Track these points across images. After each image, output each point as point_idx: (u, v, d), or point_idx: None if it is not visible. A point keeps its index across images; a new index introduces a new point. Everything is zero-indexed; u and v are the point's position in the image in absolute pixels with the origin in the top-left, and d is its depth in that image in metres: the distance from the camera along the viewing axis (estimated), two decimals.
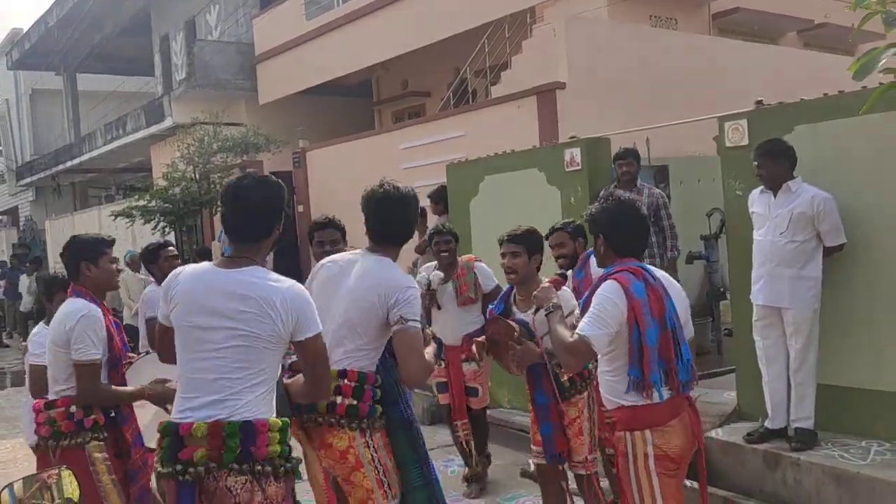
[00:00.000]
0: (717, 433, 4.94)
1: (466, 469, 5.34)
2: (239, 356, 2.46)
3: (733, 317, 5.45)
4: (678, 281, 3.32)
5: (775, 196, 4.55)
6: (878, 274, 4.55)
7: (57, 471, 2.89)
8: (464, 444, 5.23)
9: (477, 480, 5.28)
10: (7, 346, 15.63)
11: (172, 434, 2.45)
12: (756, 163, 4.56)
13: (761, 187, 4.69)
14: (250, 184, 2.61)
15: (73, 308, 3.51)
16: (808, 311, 4.47)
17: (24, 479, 3.18)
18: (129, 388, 3.67)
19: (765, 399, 4.72)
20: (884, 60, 2.68)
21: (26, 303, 15.13)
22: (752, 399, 5.15)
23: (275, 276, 2.57)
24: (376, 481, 2.95)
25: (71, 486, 2.67)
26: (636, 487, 2.94)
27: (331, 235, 4.04)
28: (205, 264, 2.70)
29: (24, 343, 15.60)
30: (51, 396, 3.61)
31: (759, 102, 5.20)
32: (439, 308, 5.05)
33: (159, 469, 2.49)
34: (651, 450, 2.89)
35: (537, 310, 3.23)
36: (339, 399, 2.91)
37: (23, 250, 18.01)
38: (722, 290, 7.34)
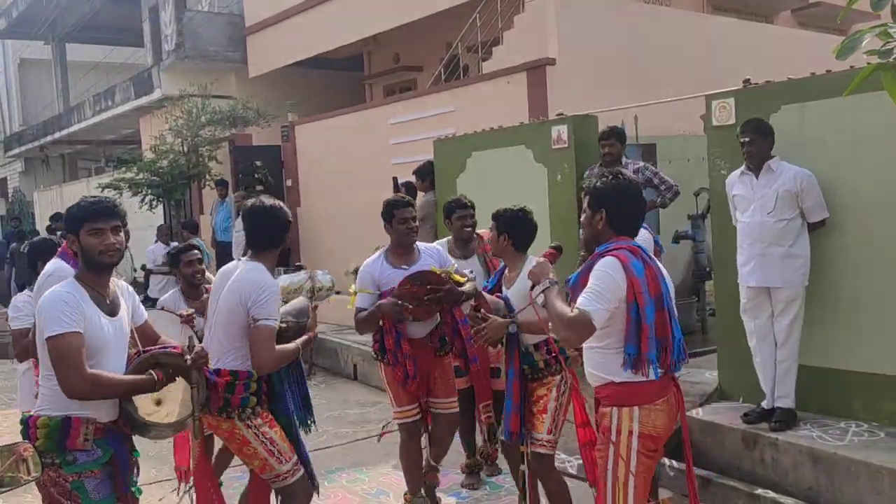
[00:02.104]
0: (698, 412, 4.96)
1: (471, 457, 5.13)
2: (40, 353, 2.81)
3: (716, 296, 5.45)
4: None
5: (757, 176, 4.55)
6: (860, 255, 4.55)
7: (31, 444, 2.89)
8: (484, 427, 4.94)
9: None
10: None
11: None
12: (747, 139, 4.53)
13: (740, 170, 4.69)
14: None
15: (47, 268, 3.74)
16: (800, 287, 4.51)
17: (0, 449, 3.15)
18: None
19: (759, 380, 4.71)
20: (867, 41, 2.65)
21: None
22: (733, 379, 5.17)
23: (58, 285, 2.86)
24: (266, 451, 3.44)
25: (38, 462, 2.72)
26: (612, 465, 2.92)
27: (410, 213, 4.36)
28: None
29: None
30: None
31: (746, 81, 5.16)
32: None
33: None
34: (637, 427, 2.89)
35: (533, 286, 3.15)
36: (219, 395, 3.35)
37: (14, 224, 17.88)
38: (708, 269, 7.32)
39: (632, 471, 2.90)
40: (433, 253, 4.44)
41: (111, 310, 2.90)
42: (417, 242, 4.44)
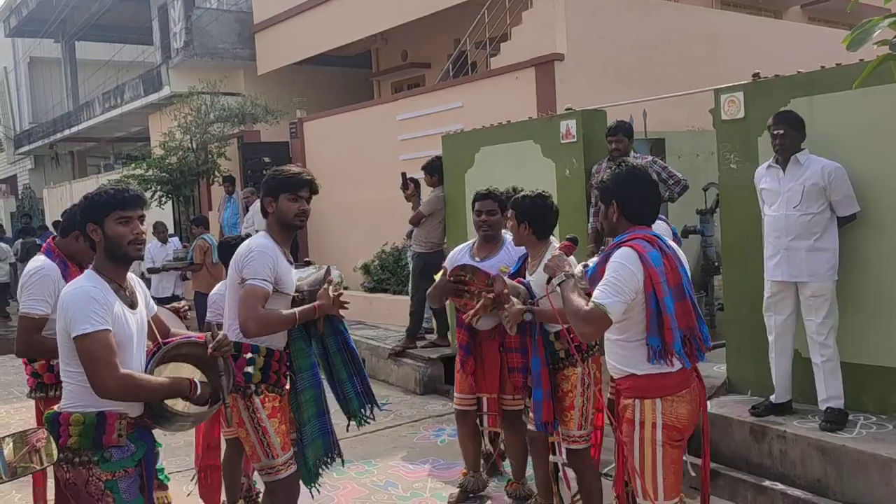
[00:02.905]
0: (706, 405, 4.96)
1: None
2: (61, 350, 2.73)
3: (725, 291, 5.45)
4: None
5: (784, 170, 4.48)
6: (868, 248, 4.53)
7: (45, 434, 2.89)
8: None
9: None
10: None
11: None
12: (780, 131, 4.43)
13: (768, 163, 4.62)
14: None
15: (30, 266, 3.59)
16: (828, 282, 4.42)
17: (13, 440, 3.16)
18: None
19: (772, 374, 4.68)
20: (878, 32, 2.64)
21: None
22: (742, 372, 5.18)
23: (79, 279, 2.78)
24: (257, 440, 3.36)
25: (54, 448, 2.70)
26: (639, 456, 2.93)
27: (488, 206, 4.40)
28: None
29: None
30: None
31: (755, 75, 5.15)
32: None
33: None
34: (660, 419, 2.88)
35: (550, 279, 3.13)
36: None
37: (25, 220, 18.00)
38: (716, 264, 7.33)
39: (659, 462, 2.90)
40: (512, 251, 4.31)
41: (131, 302, 2.85)
42: (508, 238, 4.39)
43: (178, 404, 2.93)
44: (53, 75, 25.29)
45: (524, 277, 3.95)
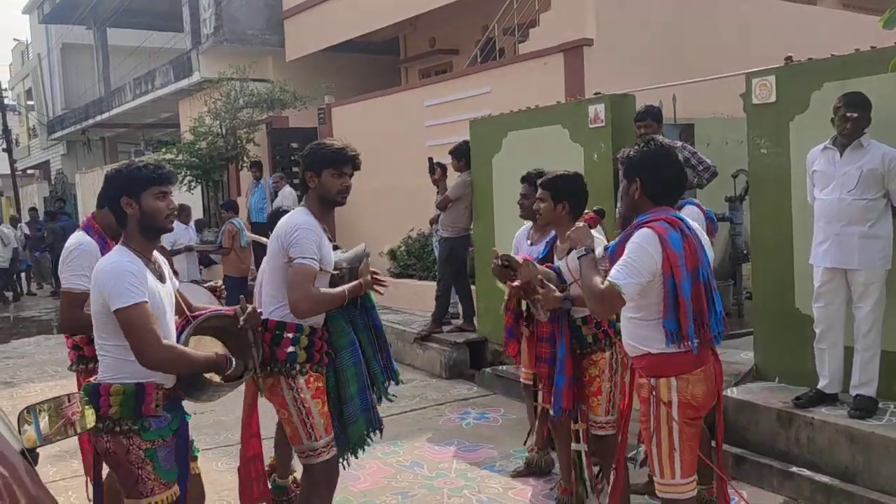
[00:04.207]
0: (733, 392, 4.94)
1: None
2: (96, 324, 2.81)
3: (753, 279, 5.41)
4: None
5: (842, 153, 4.35)
6: None
7: (80, 407, 2.94)
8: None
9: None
10: (35, 294, 16.00)
11: None
12: (854, 114, 4.26)
13: (823, 144, 4.46)
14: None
15: (68, 242, 3.64)
16: (880, 271, 4.29)
17: (48, 411, 3.21)
18: None
19: (819, 364, 4.56)
20: None
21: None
22: (769, 360, 5.15)
23: (111, 254, 2.86)
24: (299, 421, 3.29)
25: (90, 418, 2.75)
26: (656, 434, 2.94)
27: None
28: None
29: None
30: None
31: (788, 59, 5.09)
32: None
33: None
34: (675, 397, 2.89)
35: (570, 250, 3.12)
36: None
37: (59, 205, 18.37)
38: (745, 252, 7.28)
39: (675, 440, 2.91)
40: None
41: (160, 275, 2.92)
42: None
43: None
44: (85, 61, 25.60)
45: (553, 262, 3.92)
